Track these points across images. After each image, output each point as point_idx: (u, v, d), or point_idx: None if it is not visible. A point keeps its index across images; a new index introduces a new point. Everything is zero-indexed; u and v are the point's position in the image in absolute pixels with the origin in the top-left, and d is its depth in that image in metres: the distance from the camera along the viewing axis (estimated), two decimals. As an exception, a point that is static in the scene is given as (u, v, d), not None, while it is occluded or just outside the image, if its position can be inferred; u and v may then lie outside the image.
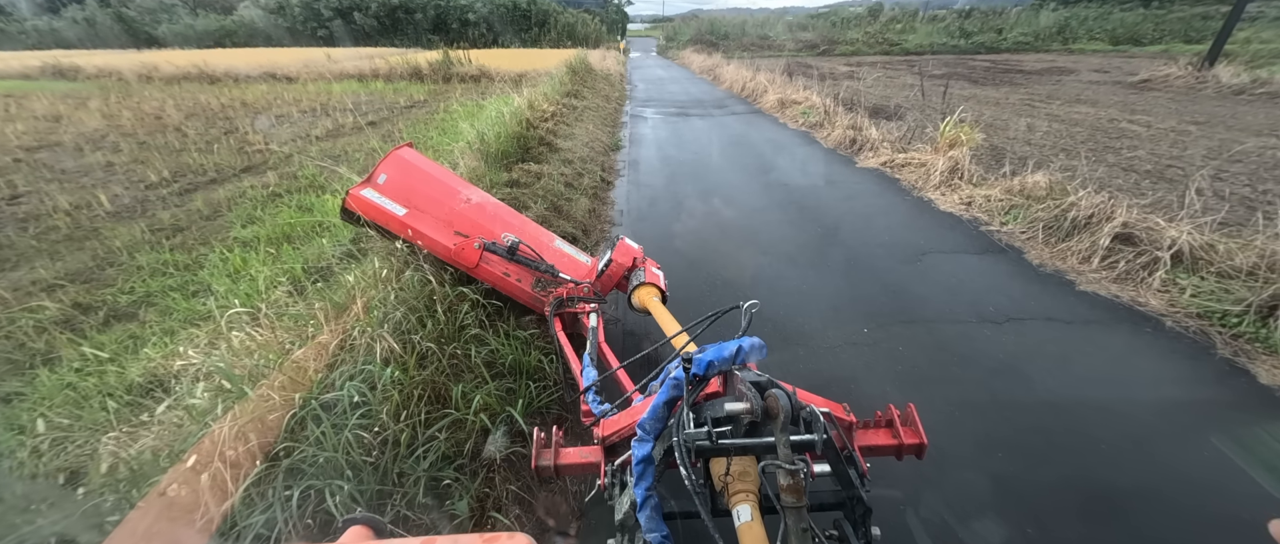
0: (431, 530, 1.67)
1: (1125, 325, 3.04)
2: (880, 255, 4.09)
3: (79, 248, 4.25)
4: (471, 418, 1.94)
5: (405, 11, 42.81)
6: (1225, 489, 1.99)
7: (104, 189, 5.61)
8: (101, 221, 4.80)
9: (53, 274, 3.72)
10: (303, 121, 9.90)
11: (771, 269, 3.90)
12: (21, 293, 3.44)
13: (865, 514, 1.08)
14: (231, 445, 1.55)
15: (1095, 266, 3.63)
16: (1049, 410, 2.41)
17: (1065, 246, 3.92)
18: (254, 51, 28.51)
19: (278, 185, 5.77)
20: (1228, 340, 2.81)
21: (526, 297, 2.66)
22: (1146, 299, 3.24)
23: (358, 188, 2.65)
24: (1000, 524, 1.86)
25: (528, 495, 1.92)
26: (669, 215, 5.08)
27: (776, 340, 2.98)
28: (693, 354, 1.07)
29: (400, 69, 17.39)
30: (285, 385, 1.86)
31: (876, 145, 7.27)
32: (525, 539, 0.59)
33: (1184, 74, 16.03)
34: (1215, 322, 2.94)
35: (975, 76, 18.70)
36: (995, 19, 38.04)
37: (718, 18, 51.09)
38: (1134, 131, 8.43)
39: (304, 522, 1.53)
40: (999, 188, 5.06)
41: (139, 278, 3.66)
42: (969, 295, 3.44)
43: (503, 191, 4.55)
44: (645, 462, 1.08)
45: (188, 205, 5.26)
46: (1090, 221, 3.94)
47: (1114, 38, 32.59)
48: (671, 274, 3.71)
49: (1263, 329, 2.77)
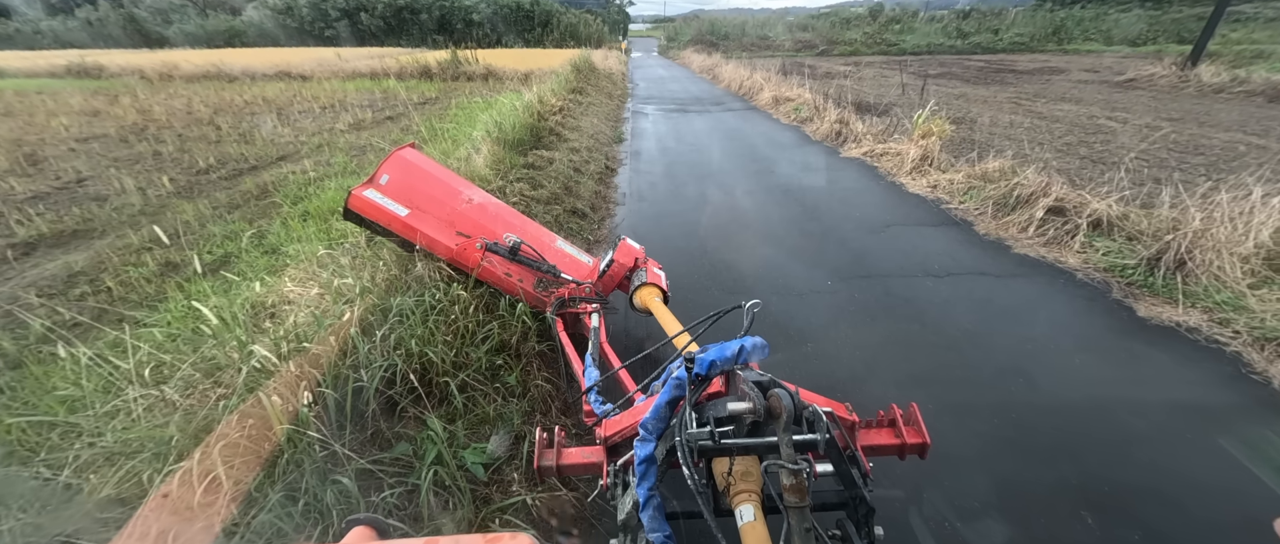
0: (497, 398, 2.28)
1: (1043, 277, 3.66)
2: (850, 228, 4.71)
3: (155, 220, 4.89)
4: (514, 320, 2.58)
5: (410, 12, 43.48)
6: (1088, 379, 2.61)
7: (160, 174, 6.25)
8: (167, 200, 5.45)
9: (140, 240, 4.36)
10: (324, 117, 10.54)
11: (756, 240, 4.53)
12: (122, 253, 4.08)
13: (868, 514, 1.07)
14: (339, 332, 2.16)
15: (1030, 234, 4.25)
16: (966, 336, 3.02)
17: (1008, 219, 4.54)
18: (268, 51, 29.22)
19: (314, 171, 6.41)
20: (1122, 287, 3.43)
21: (529, 297, 2.67)
22: (1066, 258, 3.86)
23: (360, 188, 2.64)
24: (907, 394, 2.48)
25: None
26: (667, 196, 5.71)
27: (758, 292, 3.60)
28: (695, 354, 1.08)
29: (410, 68, 18.04)
30: (371, 306, 2.49)
31: (860, 137, 7.88)
32: (527, 539, 0.58)
33: (1168, 74, 16.53)
34: (1116, 273, 3.56)
35: (968, 76, 19.16)
36: (992, 20, 38.60)
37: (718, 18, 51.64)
38: (1109, 127, 8.95)
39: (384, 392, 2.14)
40: (962, 173, 5.67)
41: (215, 242, 4.30)
42: (919, 257, 4.06)
43: (520, 172, 5.18)
44: (648, 461, 1.09)
45: (237, 188, 5.91)
46: (1030, 198, 4.55)
47: (1109, 38, 33.10)
48: (667, 246, 4.36)
49: (1149, 277, 3.39)
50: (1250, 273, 3.19)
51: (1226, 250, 3.21)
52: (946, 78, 18.25)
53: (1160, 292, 3.29)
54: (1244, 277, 3.13)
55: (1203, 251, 3.24)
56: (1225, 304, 3.04)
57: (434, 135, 7.27)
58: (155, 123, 9.69)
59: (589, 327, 2.39)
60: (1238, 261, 3.17)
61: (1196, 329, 2.96)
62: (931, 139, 6.48)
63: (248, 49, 33.11)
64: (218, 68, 18.36)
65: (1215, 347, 2.81)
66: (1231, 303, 3.04)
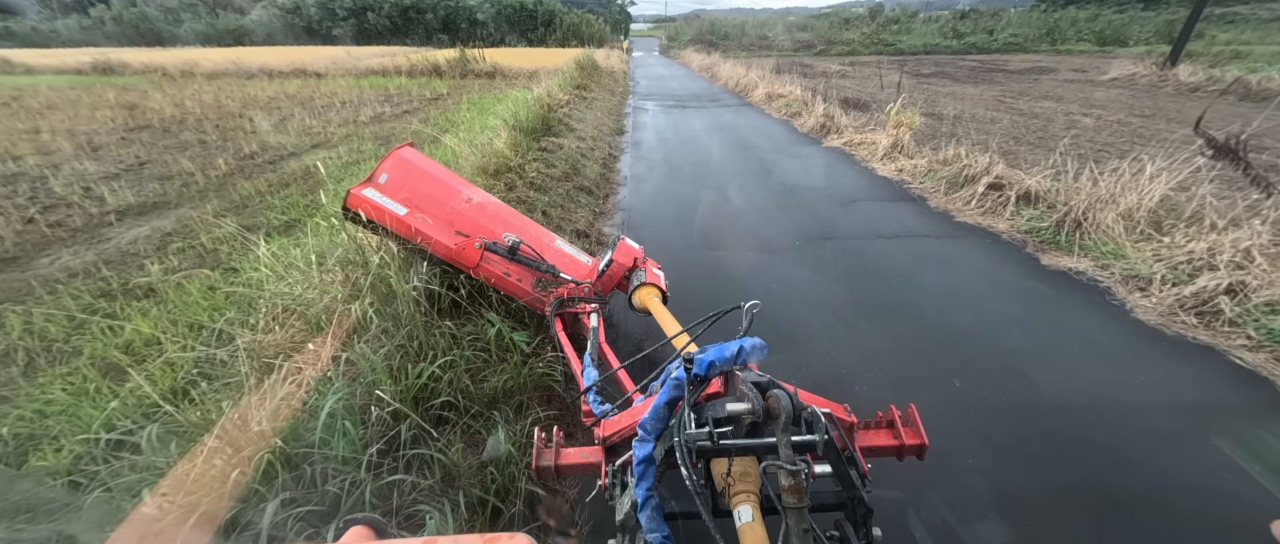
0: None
1: (974, 238, 4.41)
2: (822, 203, 5.45)
3: (219, 195, 5.65)
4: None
5: (416, 11, 44.28)
6: (990, 306, 3.34)
7: (213, 158, 7.01)
8: (226, 178, 6.21)
9: (214, 209, 5.11)
10: (346, 110, 11.30)
11: (741, 213, 5.27)
12: (202, 219, 4.83)
13: (866, 515, 1.08)
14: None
15: (972, 206, 4.99)
16: (902, 278, 3.76)
17: (956, 195, 5.27)
18: (283, 49, 30.04)
19: (348, 156, 7.17)
20: (1035, 244, 4.18)
21: (527, 296, 2.68)
22: (997, 224, 4.61)
23: (359, 187, 2.63)
24: (849, 314, 3.22)
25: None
26: (664, 179, 6.46)
27: (744, 249, 4.34)
28: (694, 354, 1.09)
29: (420, 66, 18.80)
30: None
31: (842, 129, 8.62)
32: (526, 539, 0.58)
33: (1149, 73, 17.19)
34: (1033, 235, 4.30)
35: (960, 75, 19.78)
36: (988, 20, 39.34)
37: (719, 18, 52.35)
38: (1083, 123, 9.59)
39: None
40: (925, 159, 6.40)
41: (277, 211, 5.05)
42: (877, 224, 4.80)
43: (535, 154, 5.93)
44: (646, 462, 1.10)
45: (283, 169, 6.66)
46: (976, 177, 5.29)
47: (1101, 39, 33.77)
48: (662, 219, 5.09)
49: (1056, 236, 4.13)
50: (1134, 230, 3.93)
51: (1112, 213, 3.95)
52: (939, 77, 18.89)
53: (1063, 246, 4.03)
54: (1126, 234, 3.86)
55: (1094, 214, 3.98)
56: (1108, 254, 3.78)
57: (453, 125, 8.02)
58: (191, 116, 10.46)
59: (588, 326, 2.40)
60: (1120, 221, 3.91)
61: (1083, 272, 3.70)
62: (902, 130, 7.22)
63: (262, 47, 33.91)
64: (236, 65, 19.15)
65: (1093, 283, 3.56)
66: (1113, 252, 3.78)
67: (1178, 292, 3.20)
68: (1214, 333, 2.92)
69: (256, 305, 2.71)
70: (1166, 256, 3.53)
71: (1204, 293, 3.09)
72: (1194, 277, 3.26)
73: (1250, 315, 2.91)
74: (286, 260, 2.94)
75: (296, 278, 2.69)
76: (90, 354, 2.74)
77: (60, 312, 3.08)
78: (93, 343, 2.82)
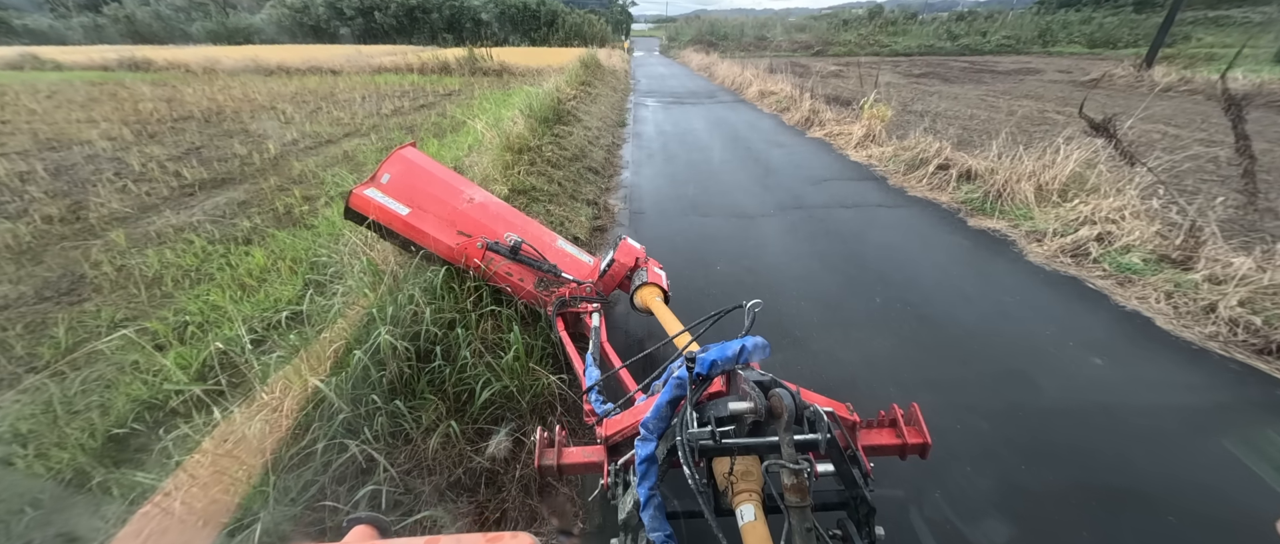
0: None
1: (919, 208, 5.28)
2: (797, 182, 6.32)
3: (276, 172, 6.52)
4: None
5: (422, 11, 45.20)
6: (918, 254, 4.21)
7: (262, 142, 7.89)
8: (279, 158, 7.08)
9: (276, 183, 5.98)
10: (367, 104, 12.16)
11: (728, 190, 6.14)
12: (269, 190, 5.70)
13: (869, 514, 1.07)
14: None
15: (923, 184, 5.86)
16: (853, 235, 4.63)
17: (912, 175, 6.14)
18: (299, 47, 30.97)
19: (379, 142, 8.04)
20: (967, 211, 5.05)
21: (529, 296, 2.68)
22: (940, 197, 5.48)
23: (361, 187, 2.65)
24: (810, 260, 4.08)
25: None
26: (662, 163, 7.34)
27: (728, 215, 5.19)
28: (696, 353, 1.10)
29: (431, 63, 19.67)
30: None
31: (825, 122, 9.49)
32: (528, 539, 0.58)
33: (1127, 74, 18.06)
34: (967, 204, 5.17)
35: (950, 75, 20.56)
36: (982, 23, 40.23)
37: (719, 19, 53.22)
38: (1054, 119, 10.30)
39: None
40: (892, 146, 7.27)
41: (330, 186, 5.92)
42: (841, 197, 5.67)
43: (550, 138, 6.80)
44: (648, 461, 1.10)
45: (325, 153, 7.53)
46: (929, 160, 6.15)
47: (1091, 41, 34.58)
48: (659, 193, 5.94)
49: (984, 204, 5.00)
50: (1048, 199, 4.79)
51: (1030, 185, 4.82)
52: (929, 77, 19.68)
53: (987, 212, 4.90)
54: (1037, 201, 4.73)
55: (1012, 187, 4.86)
56: (1020, 216, 4.66)
57: (473, 115, 8.89)
58: (227, 109, 11.34)
59: (589, 326, 2.42)
60: (1034, 192, 4.78)
61: (999, 230, 4.57)
62: (874, 121, 8.08)
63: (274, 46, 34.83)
64: (254, 62, 20.03)
65: (1002, 238, 4.44)
66: (1024, 215, 4.65)
67: (1062, 241, 4.07)
68: (1080, 267, 3.79)
69: (337, 252, 3.58)
70: (1063, 217, 4.40)
71: (1080, 240, 3.96)
72: (1078, 230, 4.13)
73: (1108, 255, 3.79)
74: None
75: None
76: (220, 279, 3.63)
77: (188, 248, 3.97)
78: (222, 271, 3.70)
